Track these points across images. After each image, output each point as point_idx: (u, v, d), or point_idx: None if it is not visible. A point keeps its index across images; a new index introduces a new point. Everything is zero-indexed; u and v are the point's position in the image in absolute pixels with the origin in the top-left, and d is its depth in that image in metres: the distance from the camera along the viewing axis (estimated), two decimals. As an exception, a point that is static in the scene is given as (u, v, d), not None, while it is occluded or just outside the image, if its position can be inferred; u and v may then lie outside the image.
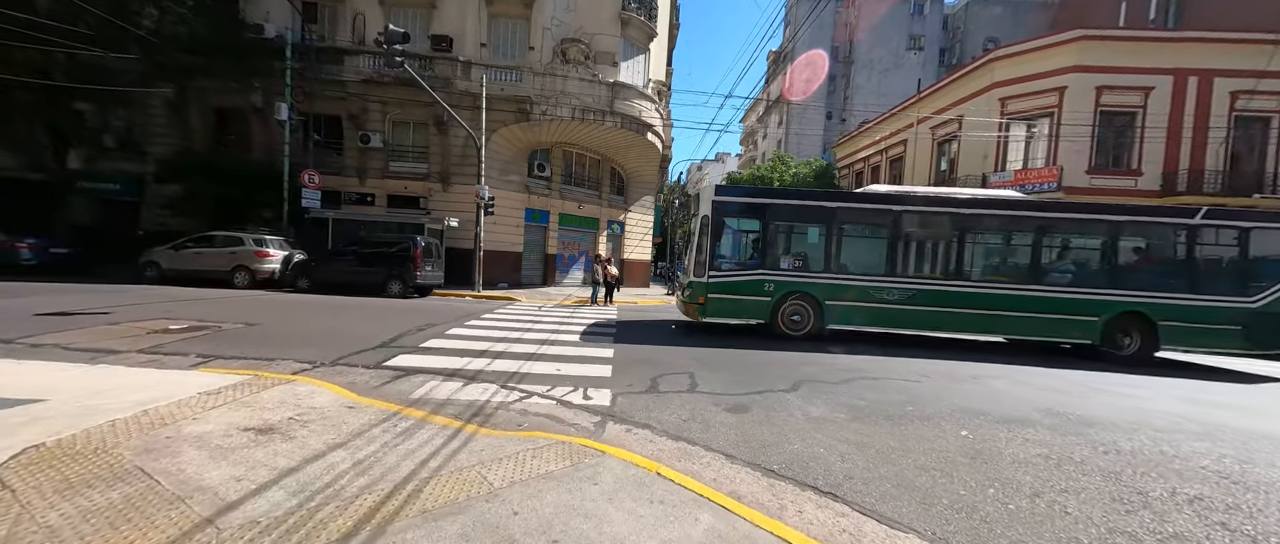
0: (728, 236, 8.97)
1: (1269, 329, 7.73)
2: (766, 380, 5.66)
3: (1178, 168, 15.44)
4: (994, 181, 16.95)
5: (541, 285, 19.31)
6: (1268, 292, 7.75)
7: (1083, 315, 8.04)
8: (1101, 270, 8.27)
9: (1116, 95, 15.69)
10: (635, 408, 4.45)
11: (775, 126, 46.06)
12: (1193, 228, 7.93)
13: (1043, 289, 8.19)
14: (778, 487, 2.98)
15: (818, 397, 5.06)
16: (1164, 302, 7.89)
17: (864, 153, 27.06)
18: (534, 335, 8.00)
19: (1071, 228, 8.62)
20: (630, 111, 17.42)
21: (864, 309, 8.46)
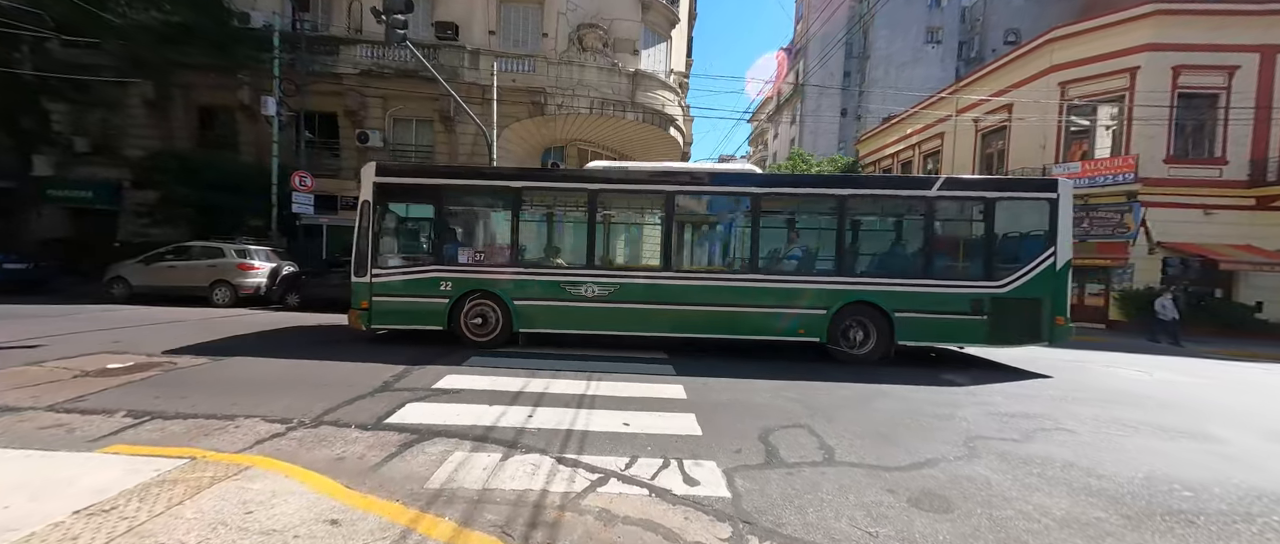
0: (394, 225, 7.46)
1: (1017, 317, 6.58)
2: (916, 435, 4.08)
3: (1267, 155, 13.85)
4: (1056, 173, 15.36)
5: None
6: (1016, 274, 6.61)
7: (809, 308, 6.86)
8: (829, 254, 7.04)
9: (1196, 75, 14.13)
10: (772, 499, 2.90)
11: (788, 125, 44.61)
12: (930, 200, 6.73)
13: (764, 278, 6.98)
14: None
15: (1023, 470, 3.46)
16: (900, 289, 6.76)
17: (892, 148, 25.52)
18: (573, 362, 6.42)
19: (795, 205, 7.48)
20: (653, 104, 15.93)
21: (561, 309, 7.14)
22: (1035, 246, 6.68)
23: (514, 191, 7.22)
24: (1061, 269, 6.59)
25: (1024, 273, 6.61)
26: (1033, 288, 6.57)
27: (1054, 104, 15.81)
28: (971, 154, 19.55)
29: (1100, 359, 8.93)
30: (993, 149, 18.68)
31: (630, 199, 7.69)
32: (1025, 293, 6.59)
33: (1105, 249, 14.42)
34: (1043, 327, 6.57)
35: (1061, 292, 6.62)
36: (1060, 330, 6.62)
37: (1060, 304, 6.60)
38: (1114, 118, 14.97)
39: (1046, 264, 6.57)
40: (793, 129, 43.75)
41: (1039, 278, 6.57)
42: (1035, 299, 6.56)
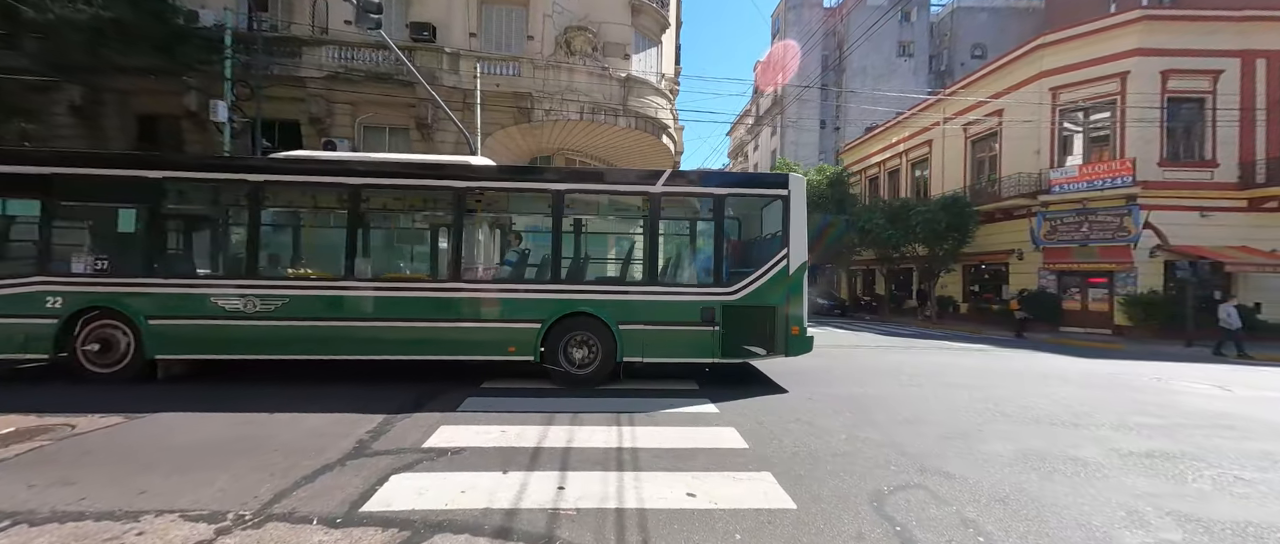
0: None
1: (749, 328, 5.91)
2: (1062, 507, 3.16)
3: (1255, 158, 14.07)
4: (1054, 179, 15.29)
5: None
6: (748, 280, 5.96)
7: (519, 321, 5.91)
8: (544, 259, 6.16)
9: (1183, 79, 14.34)
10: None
11: (768, 137, 44.85)
12: (655, 198, 5.99)
13: (467, 288, 5.96)
14: None
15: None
16: (623, 298, 5.97)
17: (878, 157, 25.56)
18: (592, 399, 5.34)
19: (505, 202, 6.60)
20: (645, 110, 15.16)
21: (210, 330, 5.77)
22: (769, 249, 6.08)
23: (151, 184, 5.73)
24: (795, 273, 5.96)
25: (756, 278, 5.96)
26: (766, 294, 5.92)
27: (1046, 110, 15.82)
28: (962, 161, 19.53)
29: (1158, 370, 8.43)
30: (984, 155, 18.67)
31: (301, 193, 6.36)
32: (758, 300, 5.92)
33: (1107, 253, 14.29)
34: (778, 337, 5.92)
35: (796, 298, 5.97)
36: (796, 342, 5.96)
37: (796, 313, 5.95)
38: (1107, 122, 15.03)
39: (779, 268, 5.94)
40: (773, 140, 43.99)
41: (772, 283, 5.94)
42: (768, 307, 5.91)
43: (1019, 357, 9.72)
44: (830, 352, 9.69)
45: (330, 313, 5.89)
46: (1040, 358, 9.58)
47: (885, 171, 25.09)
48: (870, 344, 11.23)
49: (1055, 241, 15.28)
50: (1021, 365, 8.39)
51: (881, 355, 9.37)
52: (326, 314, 5.89)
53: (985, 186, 17.91)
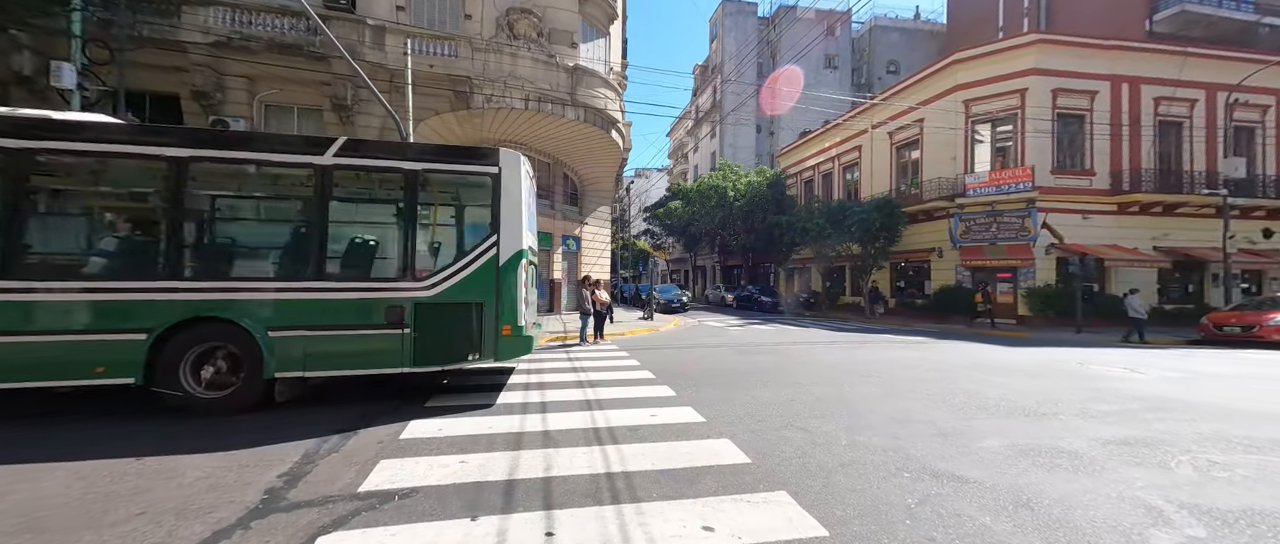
0: None
1: (449, 329, 5.02)
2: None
3: (1121, 168, 16.40)
4: (968, 183, 16.80)
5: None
6: (446, 272, 5.07)
7: (112, 332, 4.45)
8: (155, 247, 4.78)
9: (1069, 98, 16.38)
10: None
11: (708, 139, 45.84)
12: (325, 170, 4.89)
13: (16, 288, 4.35)
14: None
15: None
16: (276, 297, 4.79)
17: (813, 161, 26.87)
18: (561, 414, 4.68)
19: (104, 172, 4.92)
20: (594, 102, 14.52)
21: None
22: (474, 235, 5.39)
23: None
24: (508, 263, 5.22)
25: (458, 270, 5.12)
26: (468, 289, 5.11)
27: (960, 120, 17.36)
28: (888, 165, 20.98)
29: (1074, 356, 9.29)
30: (907, 160, 20.17)
31: None
32: (458, 296, 5.07)
33: (1012, 251, 15.93)
34: (486, 339, 5.14)
35: (509, 293, 5.21)
36: (509, 343, 5.25)
37: (508, 309, 5.19)
38: (1011, 133, 16.77)
39: (487, 258, 5.16)
40: (713, 142, 45.03)
41: (477, 276, 5.14)
42: (471, 304, 5.10)
43: (955, 348, 10.37)
44: (789, 349, 9.72)
45: None
46: (972, 348, 10.29)
47: (819, 174, 26.44)
48: (824, 340, 11.48)
49: (969, 241, 16.81)
50: (963, 357, 8.89)
51: (840, 352, 9.54)
52: None
53: (909, 189, 19.34)
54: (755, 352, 9.32)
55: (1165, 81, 16.74)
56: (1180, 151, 17.01)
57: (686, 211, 29.30)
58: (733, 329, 14.21)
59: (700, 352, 9.33)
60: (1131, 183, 16.27)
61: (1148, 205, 16.45)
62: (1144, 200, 16.26)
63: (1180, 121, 17.02)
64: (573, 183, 19.53)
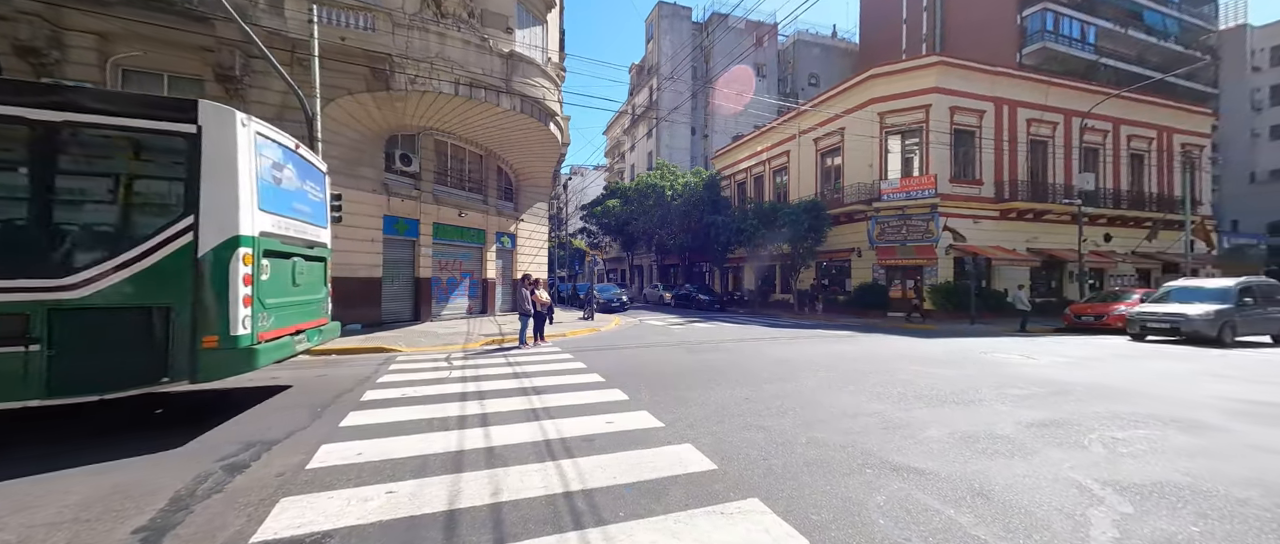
0: None
1: (111, 344, 3.82)
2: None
3: (1003, 179, 18.80)
4: (883, 189, 18.31)
5: (414, 321, 14.01)
6: (111, 265, 3.79)
7: None
8: None
9: (963, 115, 18.44)
10: None
11: (645, 139, 46.12)
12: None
13: None
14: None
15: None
16: None
17: (745, 163, 27.93)
18: (509, 434, 4.20)
19: None
20: (531, 92, 13.81)
21: None
22: (161, 216, 3.99)
23: None
24: (215, 255, 3.99)
25: (123, 263, 3.80)
26: (146, 288, 3.85)
27: (876, 130, 18.89)
28: (814, 170, 22.34)
29: (978, 346, 10.32)
30: (830, 166, 21.59)
31: None
32: (127, 297, 3.81)
33: (920, 251, 17.62)
34: (176, 354, 3.88)
35: (215, 294, 3.99)
36: (215, 358, 3.99)
37: (213, 315, 3.97)
38: (917, 145, 18.53)
39: (178, 246, 3.92)
40: (650, 142, 45.38)
41: (160, 271, 3.88)
42: (150, 308, 3.88)
43: (880, 341, 11.16)
44: (735, 346, 9.86)
45: None
46: (894, 341, 11.14)
47: (751, 177, 27.55)
48: (765, 336, 11.82)
49: (884, 241, 18.36)
50: (889, 349, 9.55)
51: (781, 347, 9.82)
52: None
53: (832, 193, 20.73)
54: (703, 350, 9.32)
55: (1034, 105, 19.46)
56: (1046, 166, 19.87)
57: (624, 210, 29.16)
58: (675, 327, 14.25)
59: (648, 351, 9.14)
60: (1010, 192, 18.70)
61: (1022, 212, 19.01)
62: (1020, 208, 18.77)
63: (1046, 140, 19.89)
64: (508, 177, 18.53)
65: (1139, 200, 21.20)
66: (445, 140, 15.31)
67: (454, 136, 15.33)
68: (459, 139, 15.59)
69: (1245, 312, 11.24)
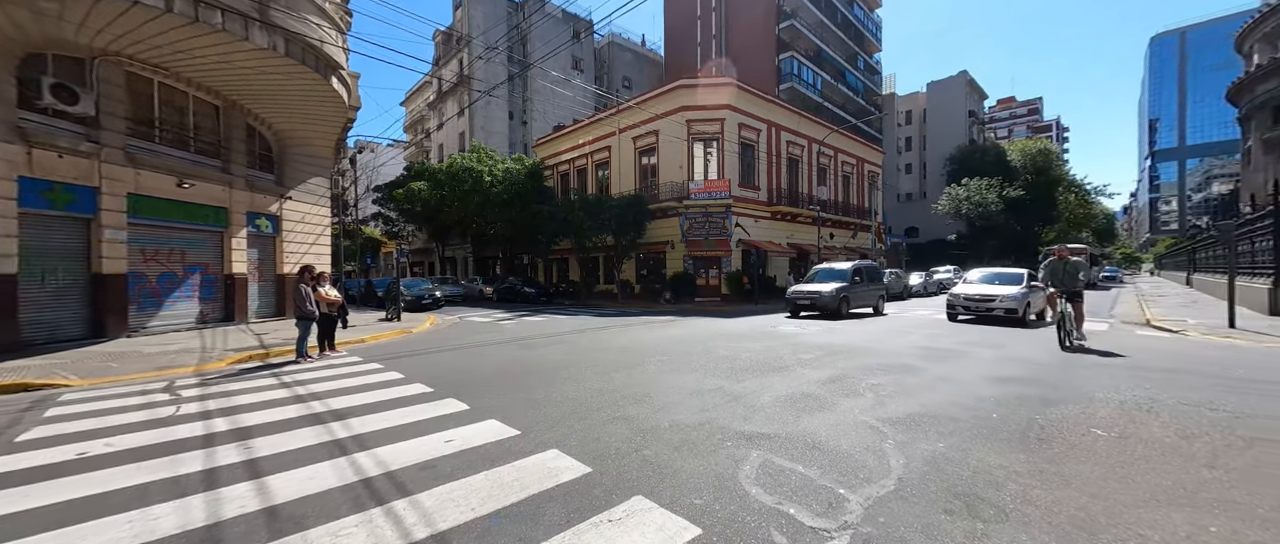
0: None
1: None
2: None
3: (773, 187, 23.45)
4: (691, 189, 20.69)
5: (93, 339, 9.46)
6: None
7: None
8: None
9: (747, 132, 22.20)
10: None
11: (456, 117, 41.56)
12: None
13: None
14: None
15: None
16: None
17: (568, 155, 27.88)
18: (303, 483, 3.08)
19: None
20: (299, 30, 10.71)
21: None
22: None
23: None
24: None
25: None
26: None
27: (685, 135, 21.19)
28: (634, 166, 23.76)
29: (768, 323, 12.44)
30: (648, 164, 23.31)
31: None
32: None
33: (719, 244, 20.58)
34: None
35: None
36: None
37: None
38: (716, 152, 21.51)
39: None
40: (462, 122, 41.18)
41: None
42: None
43: (697, 323, 12.51)
44: (573, 338, 9.61)
45: None
46: (707, 322, 12.65)
47: (574, 169, 27.67)
48: (598, 326, 11.92)
49: (692, 236, 20.83)
50: (707, 330, 10.76)
51: (617, 335, 10.03)
52: None
53: (650, 190, 22.44)
54: (541, 344, 8.79)
55: (791, 131, 24.87)
56: (798, 179, 25.64)
57: (434, 195, 25.72)
58: (505, 323, 13.20)
59: (479, 351, 8.13)
60: (777, 198, 23.49)
61: (784, 214, 24.12)
62: (783, 211, 23.75)
63: (798, 159, 25.64)
64: (265, 140, 14.11)
65: (847, 209, 29.35)
66: (151, 76, 10.67)
67: (169, 74, 10.82)
68: (179, 79, 11.10)
69: (855, 288, 13.48)
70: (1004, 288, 11.26)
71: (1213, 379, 5.36)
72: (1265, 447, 3.38)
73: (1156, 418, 4.05)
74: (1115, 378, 5.47)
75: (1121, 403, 4.50)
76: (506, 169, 25.26)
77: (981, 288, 11.68)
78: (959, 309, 11.65)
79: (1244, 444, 3.45)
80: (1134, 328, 10.09)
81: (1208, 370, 5.82)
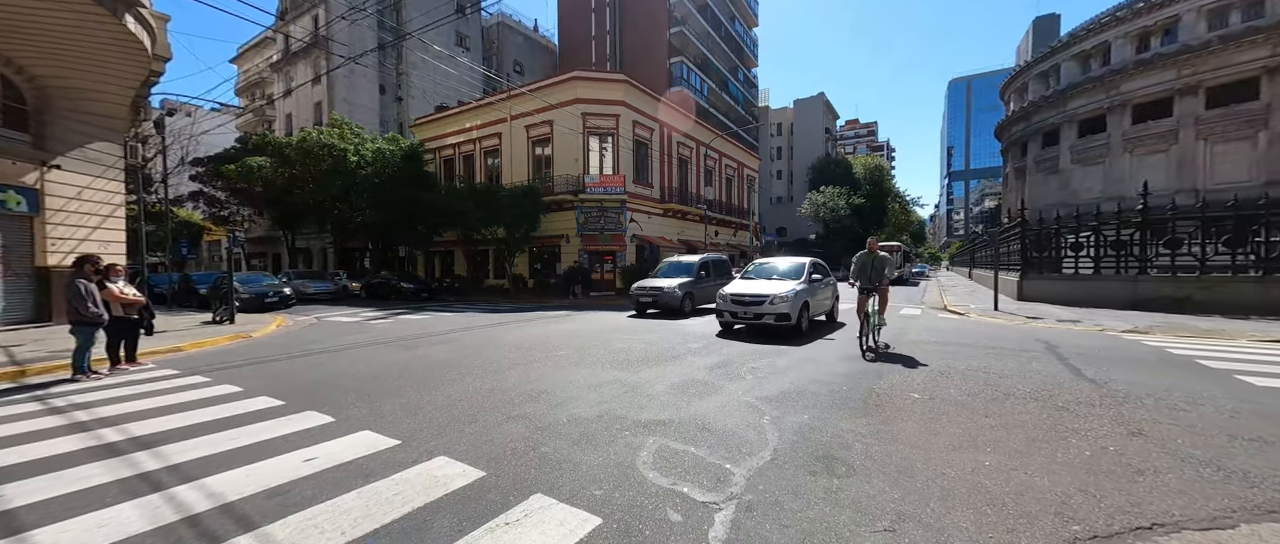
0: None
1: None
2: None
3: (665, 184, 24.49)
4: (587, 183, 20.62)
5: None
6: None
7: None
8: None
9: (641, 130, 22.80)
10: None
11: (311, 85, 35.49)
12: None
13: None
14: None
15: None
16: None
17: (454, 139, 25.79)
18: (96, 535, 2.43)
19: None
20: (83, -46, 8.22)
21: None
22: None
23: None
24: None
25: None
26: None
27: (580, 127, 21.01)
28: (526, 156, 22.87)
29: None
30: (542, 155, 22.62)
31: None
32: None
33: (614, 239, 20.88)
34: None
35: None
36: None
37: None
38: (611, 147, 21.72)
39: None
40: (318, 91, 35.40)
41: None
42: None
43: (592, 317, 12.55)
44: (461, 336, 8.94)
45: None
46: (602, 315, 12.78)
47: (460, 154, 25.67)
48: (490, 323, 11.28)
49: (588, 230, 20.80)
50: (603, 323, 10.86)
51: (511, 331, 9.60)
52: None
53: (545, 182, 21.82)
54: (424, 344, 8.03)
55: (681, 132, 26.22)
56: (688, 178, 27.17)
57: (279, 174, 21.75)
58: (379, 323, 11.74)
59: (345, 355, 7.12)
60: (669, 195, 24.63)
61: (675, 211, 25.39)
62: (674, 208, 24.99)
63: (688, 159, 27.15)
64: (17, 89, 10.55)
65: (730, 209, 31.99)
66: None
67: None
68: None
69: (702, 284, 12.56)
70: (776, 285, 8.79)
71: (985, 350, 7.03)
72: (1014, 400, 4.54)
73: (952, 382, 5.18)
74: (926, 352, 6.85)
75: (930, 371, 5.67)
76: (378, 149, 22.40)
77: (752, 286, 8.99)
78: (727, 315, 8.91)
79: (1003, 397, 4.60)
80: (936, 312, 12.73)
81: (983, 343, 7.61)
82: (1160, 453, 3.25)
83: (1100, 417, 4.00)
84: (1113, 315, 10.53)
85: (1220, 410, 4.11)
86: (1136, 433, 3.63)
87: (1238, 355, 6.39)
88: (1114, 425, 3.80)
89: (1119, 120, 26.10)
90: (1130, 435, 3.58)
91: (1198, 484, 2.81)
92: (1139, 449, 3.32)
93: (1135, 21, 25.83)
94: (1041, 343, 7.53)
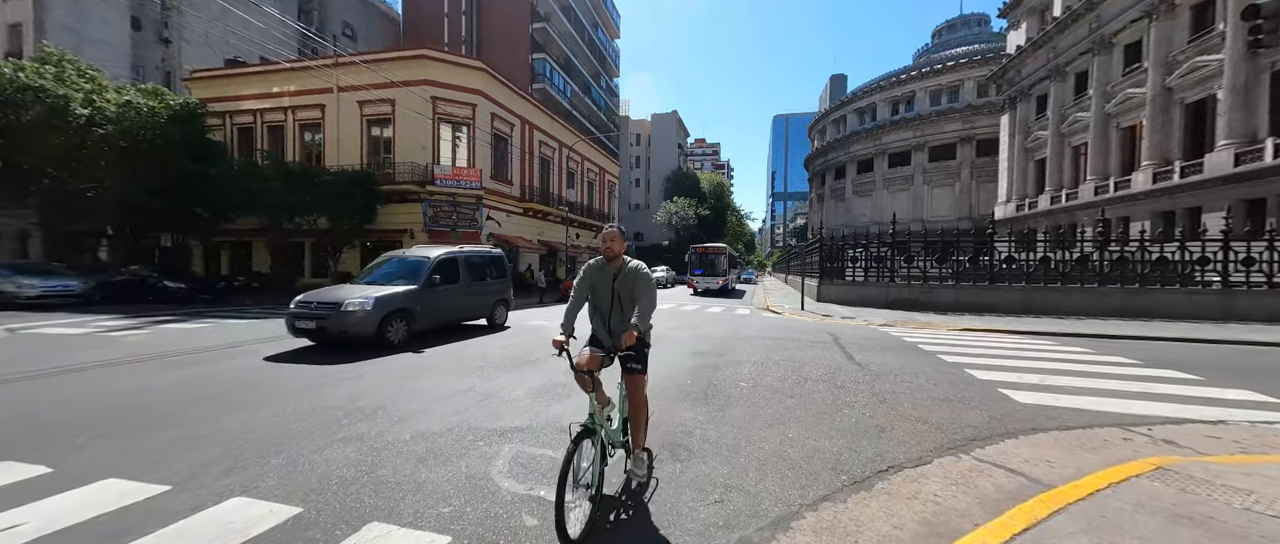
0: None
1: None
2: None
3: (525, 183, 23.75)
4: (436, 173, 18.80)
5: None
6: None
7: None
8: None
9: (501, 124, 21.71)
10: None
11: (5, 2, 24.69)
12: None
13: None
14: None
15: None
16: None
17: (254, 104, 20.87)
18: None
19: None
20: None
21: None
22: None
23: None
24: None
25: None
26: None
27: (429, 112, 19.06)
28: (359, 136, 19.78)
29: (516, 318, 12.46)
30: (380, 137, 19.84)
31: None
32: None
33: (468, 236, 19.43)
34: None
35: None
36: None
37: None
38: (467, 138, 20.20)
39: None
40: (16, 7, 24.99)
41: None
42: None
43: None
44: (263, 349, 7.26)
45: None
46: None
47: (264, 124, 20.87)
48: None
49: (437, 225, 18.94)
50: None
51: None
52: None
53: (382, 167, 19.16)
54: (204, 361, 6.31)
55: (543, 131, 25.81)
56: (550, 179, 26.83)
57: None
58: (127, 335, 8.77)
59: (75, 380, 5.18)
60: (530, 194, 23.99)
61: (536, 211, 24.84)
62: (535, 208, 24.43)
63: (550, 160, 26.82)
64: None
65: (591, 212, 32.61)
66: None
67: None
68: None
69: (431, 296, 8.24)
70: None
71: (794, 343, 8.60)
72: (811, 382, 5.70)
73: (771, 371, 6.24)
74: (754, 348, 8.07)
75: (755, 362, 6.72)
76: (128, 102, 16.70)
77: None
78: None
79: (804, 380, 5.73)
80: (761, 311, 15.05)
81: (794, 336, 9.30)
82: (895, 415, 4.47)
83: (863, 391, 5.30)
84: (875, 312, 13.89)
85: (929, 380, 5.81)
86: (882, 401, 4.91)
87: (940, 341, 9.07)
88: (870, 396, 5.07)
89: (882, 164, 34.67)
90: (879, 403, 4.83)
91: (914, 435, 3.94)
92: (885, 413, 4.50)
93: (890, 91, 34.83)
94: (830, 335, 9.54)
